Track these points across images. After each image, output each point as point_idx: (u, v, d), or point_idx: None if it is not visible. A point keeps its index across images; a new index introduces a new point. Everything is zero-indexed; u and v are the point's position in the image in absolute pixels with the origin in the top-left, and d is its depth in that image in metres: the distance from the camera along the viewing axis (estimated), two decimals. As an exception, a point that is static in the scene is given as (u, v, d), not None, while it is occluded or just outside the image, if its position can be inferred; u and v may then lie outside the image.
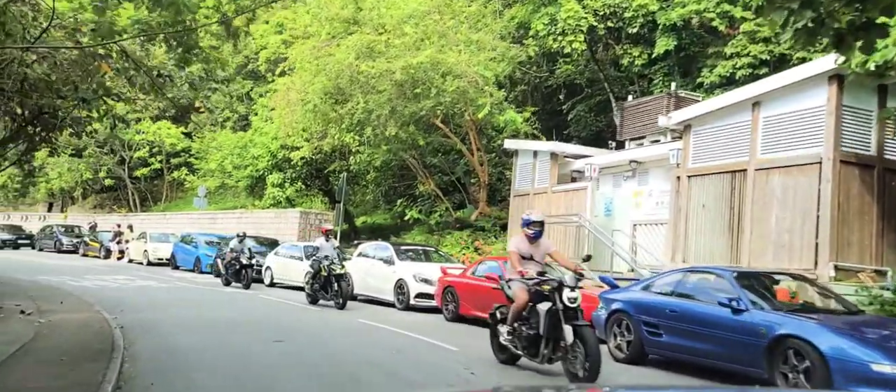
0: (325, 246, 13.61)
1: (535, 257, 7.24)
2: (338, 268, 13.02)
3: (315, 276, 13.57)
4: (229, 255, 17.32)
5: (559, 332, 6.51)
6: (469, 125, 18.40)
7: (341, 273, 13.04)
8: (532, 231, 7.41)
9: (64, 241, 31.45)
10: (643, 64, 18.06)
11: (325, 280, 13.21)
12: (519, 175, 17.64)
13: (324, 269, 13.18)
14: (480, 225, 19.49)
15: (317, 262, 13.44)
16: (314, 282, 13.61)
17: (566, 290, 6.60)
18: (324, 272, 13.20)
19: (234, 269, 17.02)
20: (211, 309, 12.43)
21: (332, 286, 13.04)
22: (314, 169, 26.51)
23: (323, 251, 13.50)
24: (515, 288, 7.12)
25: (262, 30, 36.62)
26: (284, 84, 19.09)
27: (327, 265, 13.08)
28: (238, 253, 16.99)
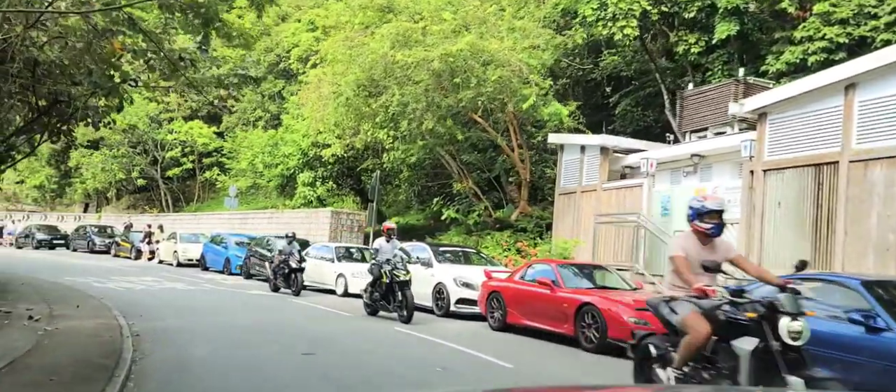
0: (386, 248, 11.72)
1: (708, 265, 4.85)
2: (402, 274, 11.07)
3: (375, 284, 11.69)
4: (278, 258, 16.01)
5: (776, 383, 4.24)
6: (509, 119, 17.23)
7: (406, 280, 11.05)
8: (708, 226, 5.07)
9: (97, 241, 31.28)
10: (700, 52, 16.63)
11: (387, 289, 11.35)
12: (564, 172, 16.40)
13: (385, 275, 11.27)
14: (521, 225, 18.30)
15: (376, 267, 11.57)
16: (374, 290, 11.75)
17: (784, 320, 4.41)
18: (385, 279, 11.27)
19: (283, 272, 15.70)
20: (236, 315, 11.53)
21: (396, 296, 11.17)
22: (346, 167, 25.66)
23: (383, 254, 11.65)
24: (686, 313, 4.85)
25: (294, 28, 36.16)
26: (316, 76, 18.20)
27: (389, 271, 11.18)
28: (287, 255, 15.58)
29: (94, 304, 11.07)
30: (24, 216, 41.87)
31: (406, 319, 10.86)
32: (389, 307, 11.36)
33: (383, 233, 12.12)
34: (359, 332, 10.21)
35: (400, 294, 11.09)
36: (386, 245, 11.74)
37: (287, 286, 15.54)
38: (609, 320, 8.36)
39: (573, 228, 15.63)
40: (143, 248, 27.58)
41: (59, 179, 41.01)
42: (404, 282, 11.09)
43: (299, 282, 15.29)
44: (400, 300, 11.08)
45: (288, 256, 15.48)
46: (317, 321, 11.23)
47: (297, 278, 15.30)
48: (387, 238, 11.88)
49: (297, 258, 15.38)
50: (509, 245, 16.30)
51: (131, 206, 41.17)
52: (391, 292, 11.28)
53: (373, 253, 12.05)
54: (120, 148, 35.96)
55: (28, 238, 34.35)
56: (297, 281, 15.27)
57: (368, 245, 21.02)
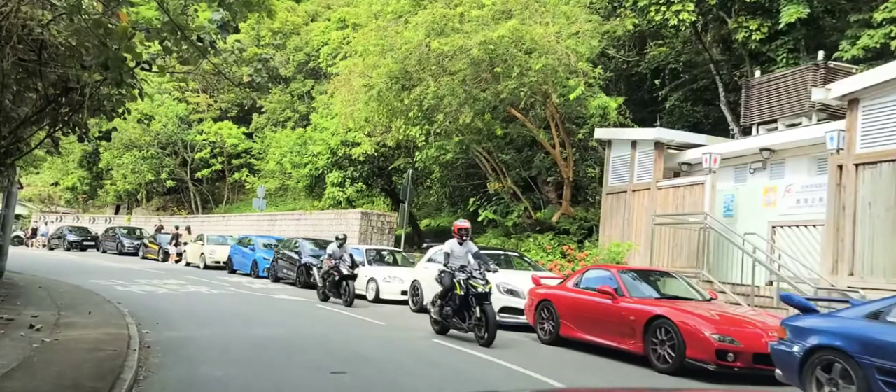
0: (458, 252, 9.57)
1: None
2: (480, 284, 8.89)
3: (446, 296, 9.50)
4: (327, 263, 14.13)
5: None
6: (551, 113, 16.02)
7: (486, 292, 8.87)
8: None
9: (125, 243, 31.00)
10: (762, 39, 15.18)
11: (462, 302, 9.12)
12: (613, 169, 15.12)
13: (459, 285, 9.09)
14: (563, 227, 17.05)
15: (448, 275, 9.43)
16: (444, 304, 9.55)
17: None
18: (459, 290, 9.07)
19: (333, 280, 13.85)
20: (260, 323, 10.57)
21: (472, 311, 8.97)
22: (376, 167, 24.73)
23: (455, 259, 9.49)
24: None
25: (323, 26, 35.51)
26: (346, 67, 17.25)
27: (464, 281, 9.03)
28: (337, 260, 13.81)
29: (109, 310, 10.24)
30: (58, 218, 42.12)
31: (486, 341, 8.67)
32: (464, 325, 9.20)
33: (455, 233, 9.89)
34: (390, 345, 9.14)
35: (477, 309, 8.88)
36: (458, 248, 9.69)
37: (337, 295, 13.78)
38: (687, 337, 7.12)
39: (623, 230, 14.35)
40: (171, 250, 27.10)
41: (91, 181, 41.09)
42: (483, 294, 8.86)
43: (351, 291, 13.38)
44: (477, 317, 8.86)
45: (338, 261, 13.79)
46: (346, 331, 10.19)
47: (350, 287, 13.41)
48: (459, 240, 9.76)
49: (350, 263, 13.70)
50: (553, 248, 15.07)
51: (161, 208, 41.02)
52: (466, 307, 9.11)
53: (443, 258, 9.83)
54: (150, 149, 35.74)
55: (60, 239, 34.33)
56: (350, 290, 13.38)
57: (400, 247, 20.11)
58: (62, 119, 9.04)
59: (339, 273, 13.64)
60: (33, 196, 45.44)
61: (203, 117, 37.15)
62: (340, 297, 13.63)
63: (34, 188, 45.02)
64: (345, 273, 13.57)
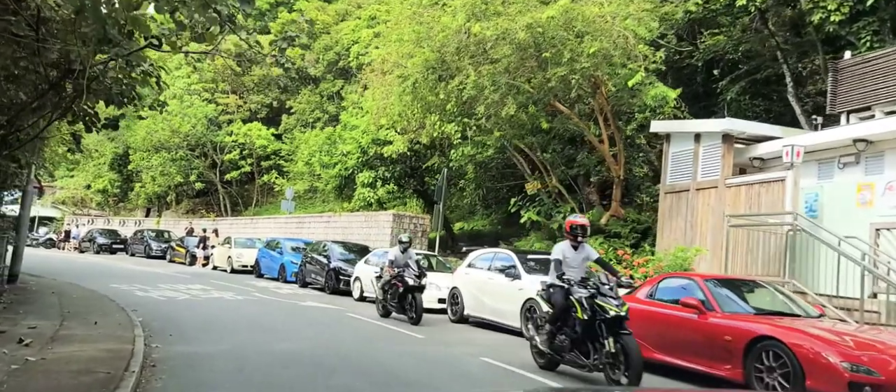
0: (573, 258, 7.27)
1: None
2: (612, 306, 6.51)
3: (559, 320, 7.06)
4: (388, 272, 11.92)
5: None
6: (600, 105, 14.63)
7: (621, 316, 6.46)
8: None
9: (153, 246, 30.51)
10: (841, 20, 13.56)
11: (586, 330, 6.67)
12: (672, 166, 13.65)
13: (581, 307, 6.69)
14: (613, 230, 15.61)
15: (560, 292, 7.02)
16: (558, 330, 7.09)
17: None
18: (582, 314, 6.66)
19: (397, 292, 11.63)
20: (286, 336, 9.44)
21: (601, 341, 6.50)
22: (408, 167, 23.60)
23: (571, 267, 7.18)
24: None
25: (353, 25, 34.65)
26: (379, 56, 16.11)
27: (587, 300, 6.69)
28: (401, 268, 11.62)
29: (119, 319, 9.23)
30: (89, 220, 42.12)
31: (634, 380, 6.17)
32: (587, 362, 6.72)
33: (566, 232, 7.40)
34: (429, 362, 7.90)
35: (609, 339, 6.42)
36: (572, 254, 7.24)
37: (401, 310, 11.61)
38: (806, 364, 5.71)
39: (685, 233, 12.87)
40: (198, 253, 26.41)
41: (122, 184, 40.95)
42: (617, 320, 6.45)
43: (419, 306, 11.19)
44: (610, 353, 6.38)
45: (403, 270, 11.54)
46: (381, 346, 8.98)
47: (417, 301, 11.23)
48: (573, 241, 7.26)
49: (416, 272, 11.44)
50: (606, 253, 13.65)
51: (191, 211, 40.64)
52: (591, 337, 6.63)
53: (553, 268, 7.27)
54: (179, 151, 35.31)
55: (90, 242, 34.10)
56: (417, 305, 11.20)
57: (434, 251, 18.88)
58: (65, 105, 8.08)
59: (404, 284, 11.41)
60: (67, 199, 45.65)
61: (232, 118, 36.63)
62: (405, 312, 11.49)
63: (67, 191, 45.20)
64: (410, 284, 11.33)
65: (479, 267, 12.12)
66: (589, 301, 6.70)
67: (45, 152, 15.53)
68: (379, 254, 16.36)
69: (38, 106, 8.24)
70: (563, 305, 7.02)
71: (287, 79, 38.29)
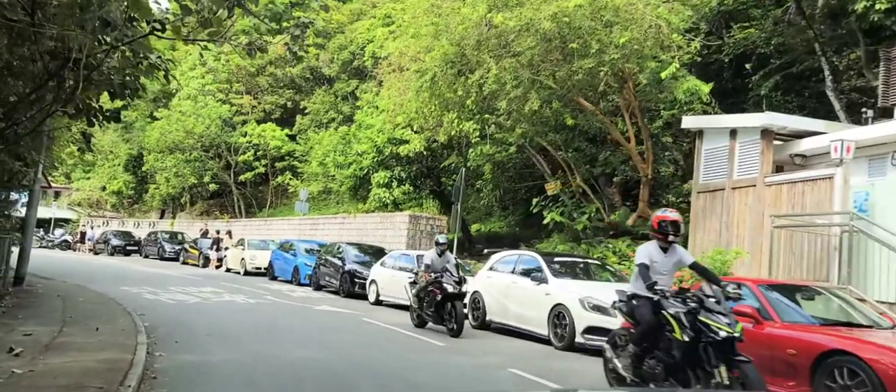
0: (663, 263, 5.87)
1: None
2: (723, 325, 5.24)
3: (648, 339, 5.77)
4: (424, 278, 10.66)
5: None
6: (627, 101, 13.93)
7: (734, 337, 5.22)
8: None
9: (167, 247, 30.20)
10: (887, 8, 12.73)
11: (687, 354, 5.35)
12: (706, 164, 12.91)
13: (677, 325, 5.40)
14: (640, 231, 14.88)
15: (647, 307, 5.74)
16: (643, 352, 5.80)
17: None
18: (681, 334, 5.36)
19: (435, 300, 10.26)
20: (299, 342, 8.87)
21: (710, 365, 5.22)
22: (425, 167, 23.02)
23: (661, 274, 5.82)
24: None
25: (368, 24, 34.18)
26: (396, 49, 15.53)
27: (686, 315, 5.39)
28: (439, 273, 10.41)
29: (123, 325, 8.71)
30: (104, 222, 42.02)
31: None
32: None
33: (653, 230, 5.99)
34: (460, 372, 7.28)
35: (720, 368, 5.16)
36: (662, 257, 5.88)
37: (439, 320, 10.22)
38: (891, 384, 5.00)
39: (720, 234, 12.14)
40: (211, 255, 26.01)
41: (137, 185, 40.82)
42: (726, 342, 5.19)
43: (460, 315, 9.90)
44: (721, 384, 5.11)
45: (440, 275, 10.31)
46: (400, 355, 8.37)
47: (457, 310, 9.92)
48: (663, 242, 5.90)
49: (456, 277, 10.17)
50: (638, 256, 12.93)
51: (205, 212, 40.39)
52: (693, 362, 5.31)
53: (636, 275, 5.89)
54: (192, 152, 35.04)
55: (105, 244, 33.92)
56: (457, 314, 9.89)
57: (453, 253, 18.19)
58: (65, 97, 7.57)
59: (442, 291, 10.06)
60: (82, 200, 45.64)
61: (246, 119, 36.31)
62: (443, 322, 10.14)
63: (83, 192, 45.20)
64: (450, 291, 9.97)
65: (502, 270, 11.47)
66: (690, 318, 5.30)
67: (53, 151, 15.11)
68: (395, 256, 15.79)
69: (37, 98, 7.76)
70: (651, 323, 5.64)
71: (301, 79, 37.99)
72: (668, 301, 5.51)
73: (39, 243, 41.46)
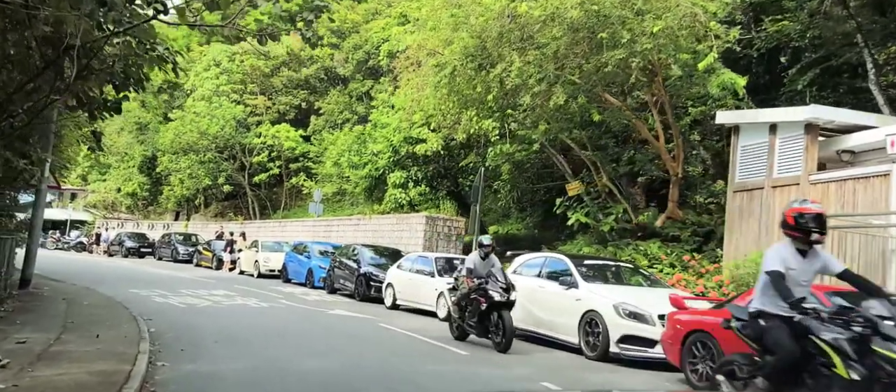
0: (802, 270, 4.59)
1: None
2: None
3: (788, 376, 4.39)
4: (465, 282, 9.36)
5: None
6: (658, 96, 13.23)
7: None
8: None
9: (180, 249, 29.88)
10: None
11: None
12: (742, 161, 12.17)
13: (840, 355, 4.09)
14: (670, 233, 14.17)
15: (785, 330, 4.40)
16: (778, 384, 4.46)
17: None
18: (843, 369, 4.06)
19: (478, 309, 8.94)
20: (313, 350, 8.30)
21: None
22: (441, 167, 22.43)
23: (799, 284, 4.57)
24: None
25: (384, 23, 33.70)
26: (414, 42, 14.95)
27: (848, 342, 4.08)
28: (483, 278, 9.14)
29: (126, 331, 8.19)
30: (119, 224, 41.94)
31: None
32: None
33: (788, 226, 4.63)
34: (483, 385, 6.64)
35: None
36: (800, 264, 4.59)
37: (483, 332, 9.00)
38: None
39: (759, 236, 11.38)
40: (225, 257, 25.59)
41: (151, 187, 40.66)
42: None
43: (509, 328, 8.59)
44: None
45: (485, 281, 9.06)
46: (420, 366, 7.75)
47: (505, 321, 8.62)
48: (802, 244, 4.61)
49: (503, 283, 8.95)
50: (673, 259, 12.22)
51: (219, 214, 40.12)
52: None
53: (766, 283, 4.60)
54: (207, 153, 34.77)
55: (119, 246, 33.73)
56: (505, 326, 8.60)
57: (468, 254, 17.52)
58: (63, 87, 7.07)
59: (488, 299, 8.79)
60: (98, 202, 45.64)
61: (261, 120, 35.98)
62: (487, 335, 8.95)
63: (98, 194, 45.20)
64: (496, 299, 8.73)
65: (527, 274, 10.81)
66: (858, 347, 4.00)
67: (61, 150, 14.72)
68: (412, 258, 15.20)
69: (34, 89, 7.28)
70: (793, 352, 4.26)
71: (316, 79, 37.59)
72: (821, 323, 4.17)
73: (55, 245, 41.55)
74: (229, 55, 39.58)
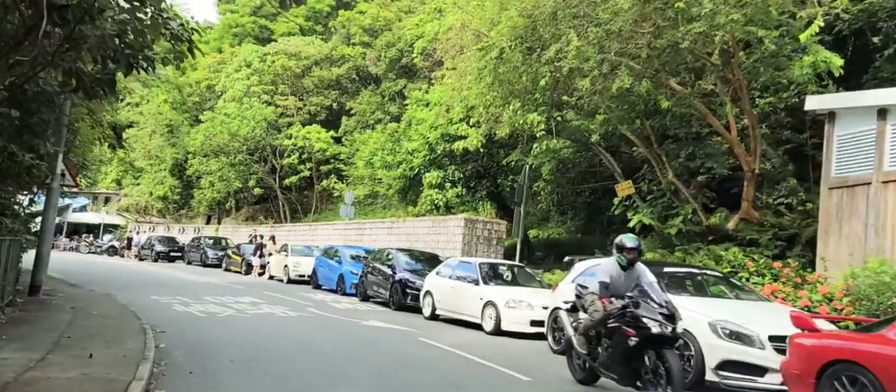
0: None
1: None
2: None
3: None
4: (601, 304, 6.60)
5: None
6: (736, 80, 11.58)
7: None
8: None
9: (209, 254, 29.05)
10: None
11: None
12: (839, 153, 10.46)
13: None
14: (746, 236, 12.48)
15: None
16: None
17: None
18: None
19: (624, 345, 6.26)
20: (347, 373, 6.97)
21: None
22: (480, 166, 21.01)
23: None
24: None
25: (417, 19, 32.51)
26: (458, 21, 13.58)
27: None
28: (630, 301, 6.39)
29: (130, 347, 6.98)
30: (151, 228, 41.62)
31: None
32: None
33: None
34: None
35: None
36: None
37: (630, 377, 6.29)
38: None
39: (865, 240, 9.68)
40: (254, 261, 24.61)
41: (182, 190, 40.23)
42: None
43: (674, 373, 5.79)
44: None
45: (633, 302, 6.31)
46: None
47: (668, 364, 5.90)
48: None
49: (664, 308, 6.12)
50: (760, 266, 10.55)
51: (250, 218, 39.46)
52: None
53: None
54: (237, 155, 34.07)
55: (150, 250, 33.19)
56: (670, 372, 5.84)
57: (513, 261, 15.99)
58: (49, 57, 5.91)
59: (640, 331, 6.08)
60: (130, 206, 45.52)
61: (291, 121, 35.18)
62: (638, 380, 6.22)
63: (131, 198, 45.06)
64: (654, 332, 6.01)
65: (593, 283, 9.28)
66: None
67: (77, 145, 13.77)
68: (453, 264, 13.79)
69: (17, 62, 6.16)
70: None
71: (347, 79, 36.64)
72: None
73: (88, 249, 41.45)
74: (260, 56, 38.95)
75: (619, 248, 6.70)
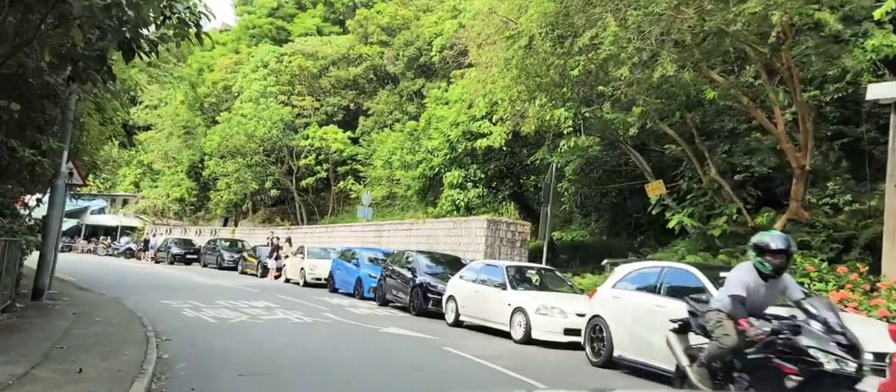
0: None
1: None
2: None
3: None
4: (745, 328, 4.74)
5: None
6: (787, 67, 10.65)
7: None
8: None
9: (225, 256, 28.57)
10: None
11: None
12: (908, 145, 9.48)
13: None
14: (797, 238, 11.47)
15: None
16: None
17: None
18: None
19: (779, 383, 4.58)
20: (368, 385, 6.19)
21: None
22: (503, 165, 20.20)
23: None
24: None
25: (436, 17, 31.83)
26: (485, 6, 12.78)
27: None
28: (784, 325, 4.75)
29: (128, 359, 6.30)
30: (168, 230, 41.39)
31: None
32: None
33: None
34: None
35: None
36: None
37: None
38: None
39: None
40: (270, 264, 24.03)
41: (199, 192, 39.92)
42: None
43: None
44: None
45: (793, 327, 4.69)
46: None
47: None
48: None
49: (844, 336, 4.52)
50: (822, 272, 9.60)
51: (267, 220, 39.01)
52: None
53: None
54: (254, 157, 33.62)
55: (166, 252, 32.85)
56: None
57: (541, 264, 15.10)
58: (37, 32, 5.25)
59: (804, 367, 4.50)
60: (147, 208, 45.37)
61: (308, 121, 34.65)
62: None
63: (148, 200, 44.91)
64: (828, 370, 4.45)
65: (634, 288, 8.45)
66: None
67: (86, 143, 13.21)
68: (477, 268, 12.99)
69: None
70: None
71: (364, 79, 36.05)
72: None
73: (106, 251, 41.34)
74: (277, 56, 38.53)
75: (761, 250, 4.96)
